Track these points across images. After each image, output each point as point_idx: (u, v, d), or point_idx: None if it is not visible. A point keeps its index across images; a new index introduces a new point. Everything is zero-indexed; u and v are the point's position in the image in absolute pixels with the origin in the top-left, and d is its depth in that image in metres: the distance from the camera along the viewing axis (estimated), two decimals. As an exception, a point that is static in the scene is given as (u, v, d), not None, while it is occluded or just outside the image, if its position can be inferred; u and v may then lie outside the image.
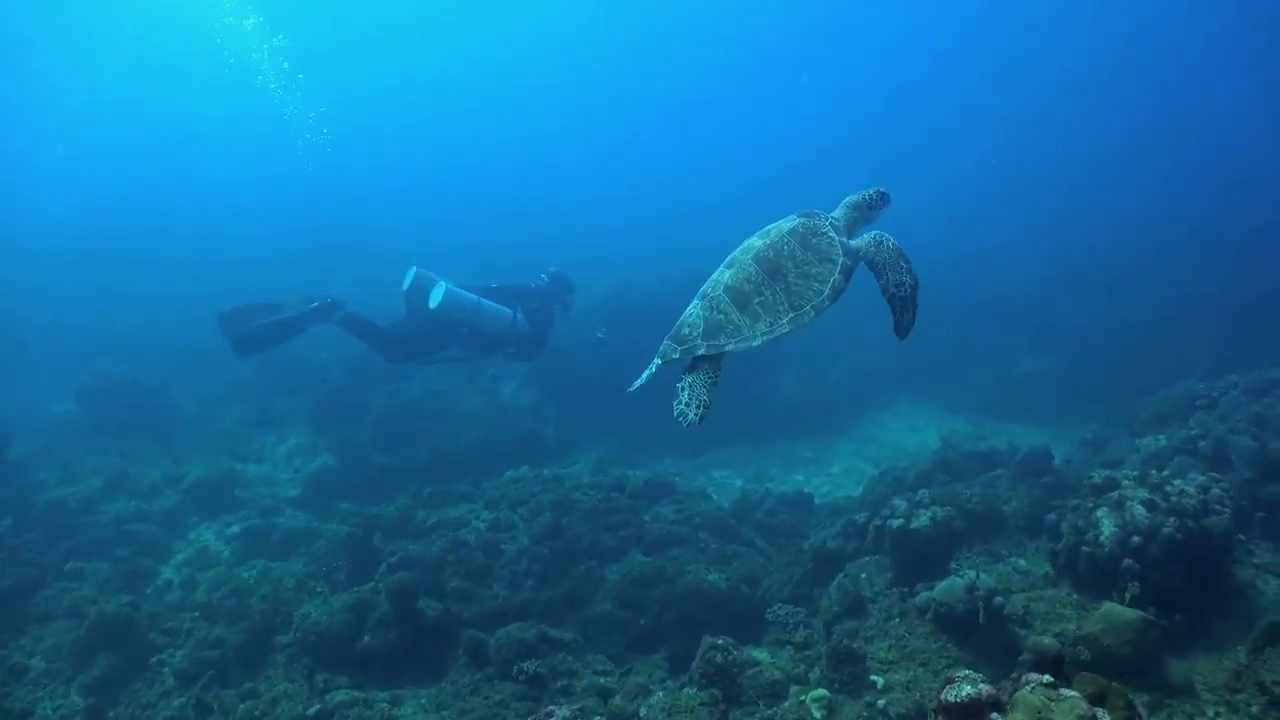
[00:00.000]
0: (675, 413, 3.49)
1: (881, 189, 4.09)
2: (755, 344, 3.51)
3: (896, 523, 6.58)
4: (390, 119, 43.64)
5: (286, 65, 25.61)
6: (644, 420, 13.35)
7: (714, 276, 3.76)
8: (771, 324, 3.52)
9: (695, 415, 3.48)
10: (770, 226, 3.89)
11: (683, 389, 3.54)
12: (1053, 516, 6.16)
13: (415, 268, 9.66)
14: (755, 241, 3.80)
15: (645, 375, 3.65)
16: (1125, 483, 5.97)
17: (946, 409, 14.69)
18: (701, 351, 3.50)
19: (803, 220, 3.84)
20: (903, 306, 3.87)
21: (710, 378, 3.56)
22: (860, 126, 38.54)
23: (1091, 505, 5.87)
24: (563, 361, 13.40)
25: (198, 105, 38.20)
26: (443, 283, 9.39)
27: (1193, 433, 7.39)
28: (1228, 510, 5.65)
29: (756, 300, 3.56)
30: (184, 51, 34.72)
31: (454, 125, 45.97)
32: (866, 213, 4.07)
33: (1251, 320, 14.48)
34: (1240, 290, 15.70)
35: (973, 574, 5.54)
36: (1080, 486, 6.90)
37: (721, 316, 3.54)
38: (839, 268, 3.68)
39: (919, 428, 14.07)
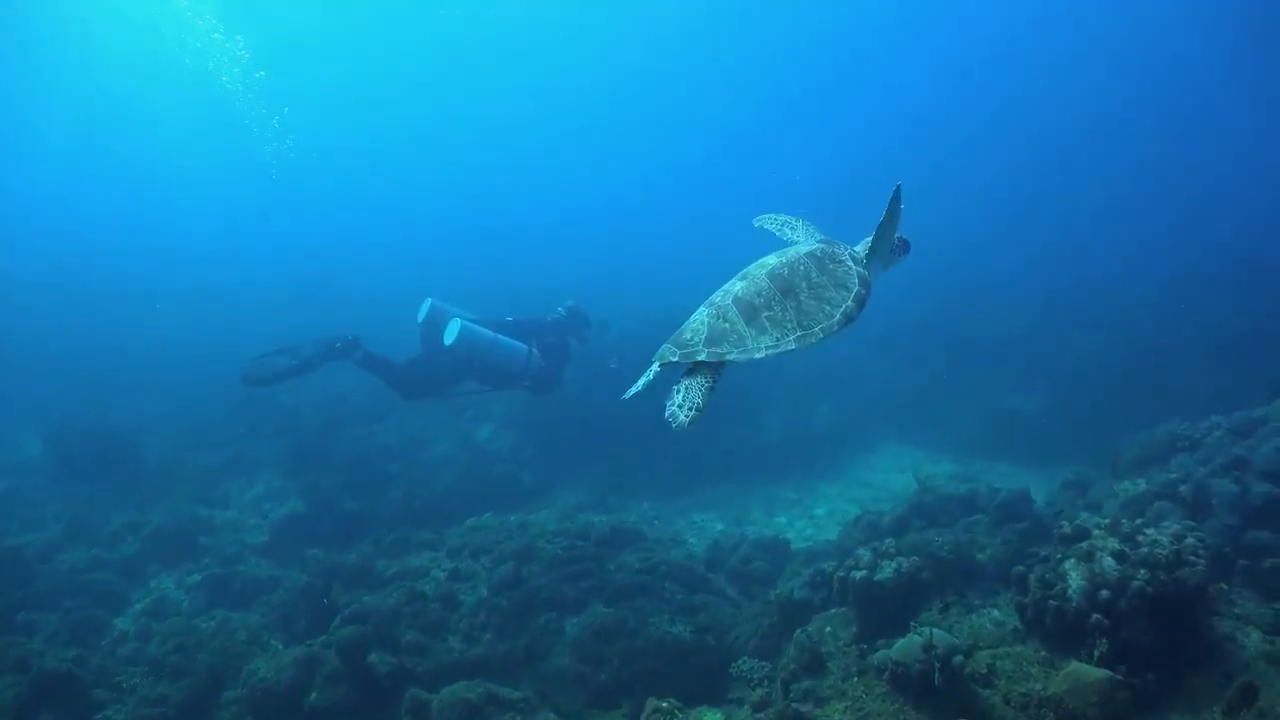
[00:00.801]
0: (666, 413, 3.36)
1: (903, 237, 4.11)
2: (758, 356, 3.42)
3: (860, 574, 6.29)
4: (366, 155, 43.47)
5: (261, 73, 25.31)
6: (624, 463, 13.13)
7: (724, 287, 3.71)
8: (778, 340, 3.45)
9: (686, 417, 3.34)
10: (788, 248, 3.91)
11: (678, 391, 3.42)
12: (1020, 568, 5.86)
13: (430, 299, 9.63)
14: (771, 259, 3.78)
15: (642, 381, 3.54)
16: (1096, 532, 5.68)
17: (934, 449, 14.38)
18: (701, 357, 3.40)
19: (822, 246, 3.85)
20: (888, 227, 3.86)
21: (708, 384, 3.44)
22: (856, 168, 38.54)
23: (1060, 556, 5.58)
24: (544, 403, 13.22)
25: (171, 129, 37.51)
26: (458, 319, 9.31)
27: (1173, 477, 7.12)
28: (1202, 561, 5.36)
29: (765, 314, 3.50)
30: (148, 61, 33.53)
31: (432, 160, 45.72)
32: (889, 258, 4.13)
33: (1243, 355, 14.28)
34: (1231, 325, 15.49)
35: (928, 631, 5.23)
36: (1053, 534, 6.64)
37: (727, 325, 3.46)
38: (853, 296, 3.64)
39: (905, 468, 13.72)
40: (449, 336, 9.22)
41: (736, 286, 3.64)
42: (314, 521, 11.41)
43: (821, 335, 3.50)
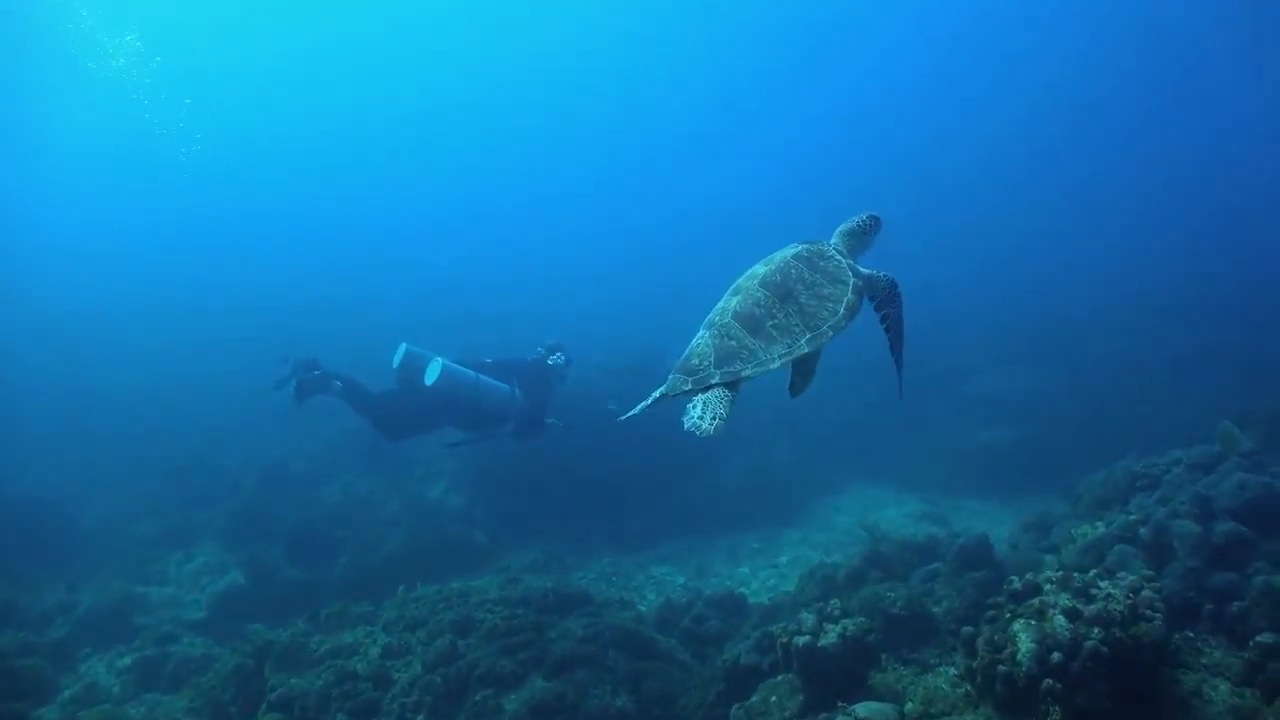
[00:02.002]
0: (688, 425, 3.24)
1: (873, 213, 4.09)
2: (774, 366, 3.38)
3: (803, 640, 5.88)
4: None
5: (159, 59, 24.40)
6: (582, 518, 12.70)
7: (719, 306, 3.63)
8: (790, 345, 3.40)
9: (710, 426, 3.23)
10: (773, 254, 3.82)
11: (694, 405, 3.29)
12: (968, 629, 5.48)
13: (405, 344, 9.46)
14: (759, 269, 3.71)
15: (641, 407, 3.49)
16: (1047, 587, 5.33)
17: (901, 488, 14.06)
18: (716, 380, 3.32)
19: (806, 246, 3.81)
20: (897, 338, 4.04)
21: (729, 395, 3.34)
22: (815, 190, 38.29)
23: (1009, 616, 5.21)
24: (496, 460, 12.84)
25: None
26: (438, 359, 9.18)
27: (1132, 519, 6.77)
28: (1159, 616, 5.00)
29: (770, 323, 3.44)
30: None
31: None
32: (862, 238, 4.06)
33: (1209, 381, 14.11)
34: (1198, 350, 15.34)
35: (852, 711, 4.85)
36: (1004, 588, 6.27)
37: (734, 343, 3.39)
38: (851, 288, 3.63)
39: (870, 510, 13.37)
40: (430, 376, 9.10)
41: (732, 303, 3.55)
42: (255, 594, 10.97)
43: (832, 333, 3.48)
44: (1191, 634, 5.88)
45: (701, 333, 3.53)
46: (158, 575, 11.70)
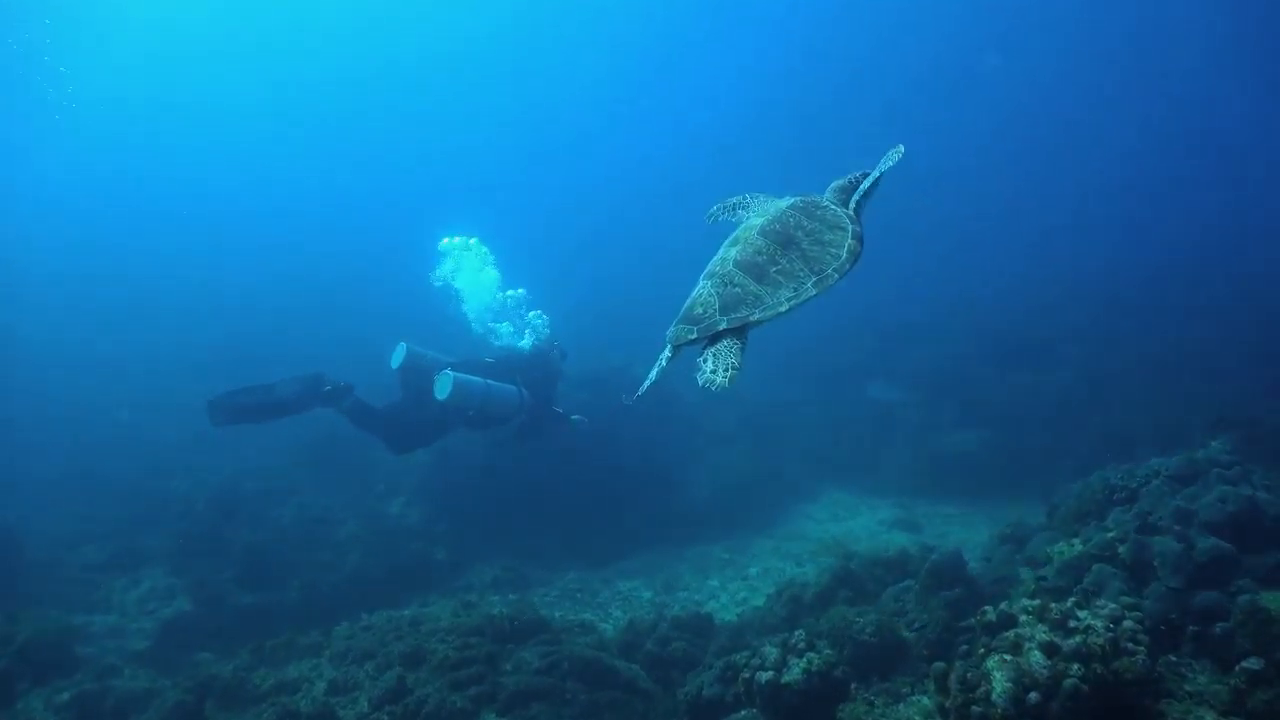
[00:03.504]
0: (701, 381, 3.19)
1: (866, 170, 3.95)
2: (783, 309, 3.30)
3: (766, 676, 5.55)
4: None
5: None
6: (544, 532, 12.34)
7: (718, 256, 3.58)
8: (796, 289, 3.33)
9: (724, 378, 3.18)
10: (767, 207, 3.81)
11: (705, 359, 3.26)
12: (940, 664, 5.14)
13: (404, 344, 9.21)
14: (756, 220, 3.67)
15: (655, 371, 3.47)
16: (1023, 619, 4.99)
17: (873, 492, 13.78)
18: (723, 325, 3.25)
19: (801, 198, 3.80)
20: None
21: (738, 344, 3.28)
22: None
23: (983, 651, 4.87)
24: (458, 473, 12.47)
25: None
26: (448, 371, 8.95)
27: (1110, 535, 6.46)
28: (1143, 649, 4.69)
29: (774, 269, 3.38)
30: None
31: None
32: (854, 194, 3.94)
33: (1183, 379, 13.93)
34: (1171, 349, 15.17)
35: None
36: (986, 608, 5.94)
37: (738, 290, 3.32)
38: (850, 233, 3.58)
39: (843, 516, 13.11)
40: (441, 391, 8.87)
41: (732, 252, 3.51)
42: (203, 621, 10.49)
43: (836, 276, 3.41)
44: (1175, 658, 5.58)
45: (702, 283, 3.47)
46: (101, 603, 11.20)
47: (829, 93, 36.78)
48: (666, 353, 3.42)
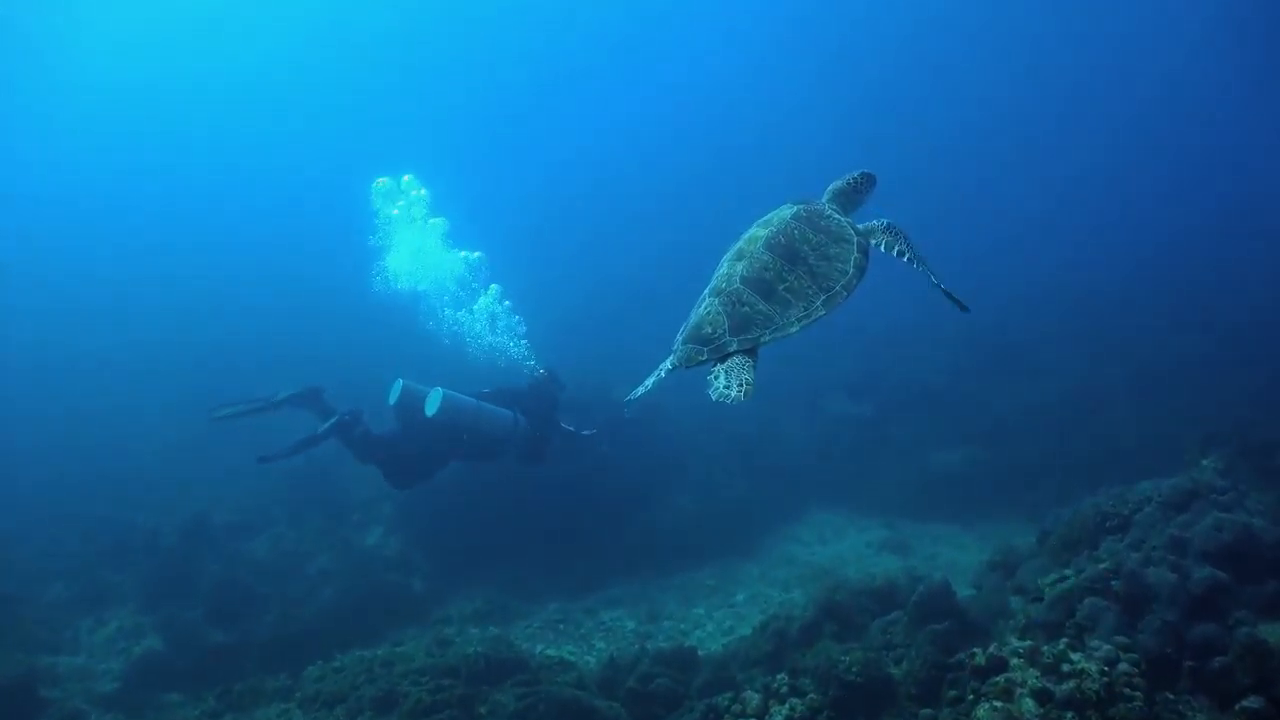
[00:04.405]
0: (715, 396, 3.17)
1: (866, 171, 3.99)
2: (793, 331, 3.30)
3: (747, 725, 5.29)
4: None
5: None
6: (527, 560, 12.05)
7: (722, 272, 3.52)
8: (806, 309, 3.32)
9: (739, 393, 3.14)
10: (768, 216, 3.73)
11: (717, 376, 3.22)
12: (928, 711, 4.90)
13: (401, 380, 9.18)
14: (759, 231, 3.60)
15: (652, 380, 3.46)
16: (1014, 662, 4.79)
17: (860, 513, 13.52)
18: (733, 349, 3.24)
19: (802, 206, 3.71)
20: (923, 263, 3.76)
21: (749, 360, 3.26)
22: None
23: (972, 697, 4.65)
24: (437, 500, 12.18)
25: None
26: (438, 389, 8.97)
27: (1102, 567, 6.23)
28: (1139, 694, 4.47)
29: (781, 287, 3.34)
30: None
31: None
32: (854, 197, 3.98)
33: (1172, 393, 13.77)
34: (1160, 362, 15.00)
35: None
36: (980, 638, 5.71)
37: (747, 309, 3.29)
38: (855, 246, 3.56)
39: (830, 539, 12.86)
40: (431, 407, 8.90)
41: (738, 268, 3.44)
42: (173, 660, 10.18)
43: (845, 293, 3.40)
44: (1172, 695, 5.36)
45: (709, 300, 3.42)
46: (69, 643, 10.84)
47: (805, 100, 36.50)
48: (668, 365, 3.39)
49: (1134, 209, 30.12)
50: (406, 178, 11.11)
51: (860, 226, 3.75)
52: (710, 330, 3.29)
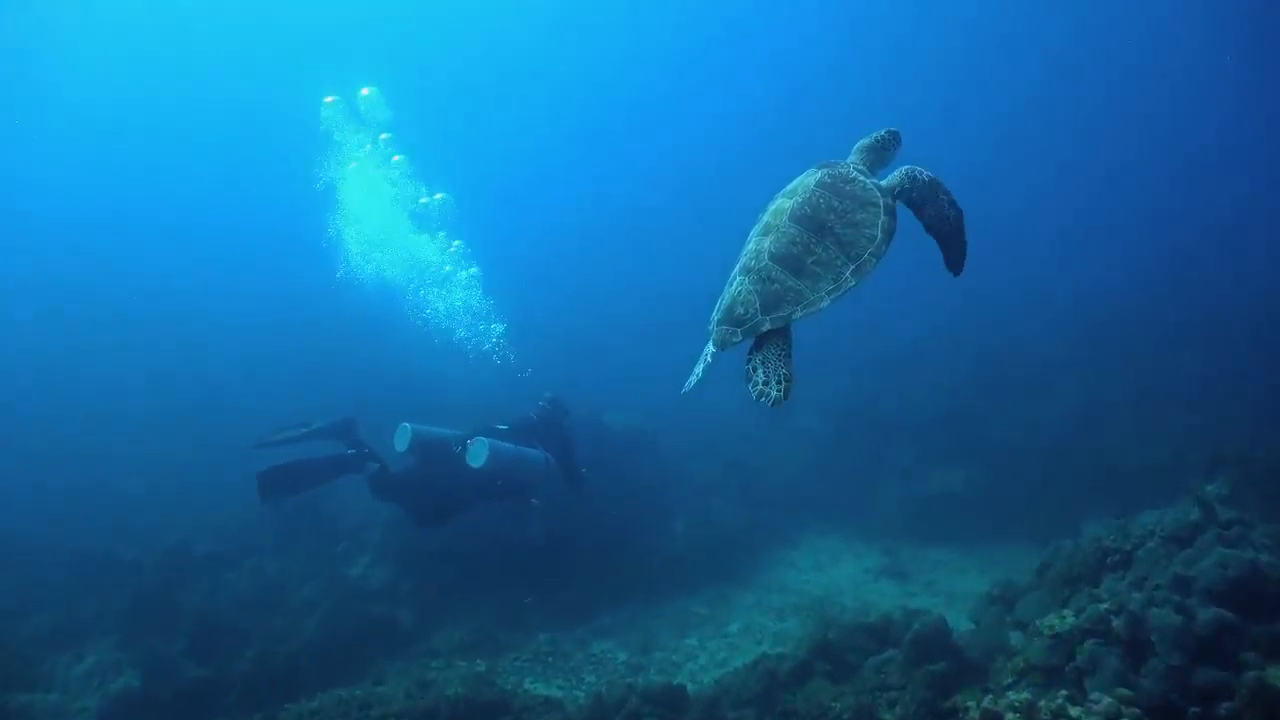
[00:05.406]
0: (755, 395, 3.16)
1: (892, 129, 3.93)
2: (824, 305, 3.26)
3: (731, 782, 5.03)
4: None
5: None
6: (517, 590, 11.77)
7: (750, 248, 3.46)
8: (836, 280, 3.27)
9: (778, 391, 3.14)
10: (793, 185, 3.64)
11: (755, 369, 3.22)
12: (920, 772, 4.65)
13: (409, 425, 9.17)
14: (785, 203, 3.53)
15: (701, 368, 3.41)
16: (1010, 717, 4.51)
17: (857, 537, 13.26)
18: (767, 327, 3.21)
19: (826, 171, 3.62)
20: (950, 240, 3.74)
21: (782, 350, 3.25)
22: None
23: (967, 759, 4.39)
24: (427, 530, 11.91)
25: None
26: (483, 440, 9.03)
27: (1103, 607, 5.97)
28: (1144, 757, 4.21)
29: (810, 260, 3.30)
30: None
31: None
32: (881, 154, 3.90)
33: (1181, 409, 13.53)
34: (1161, 379, 14.75)
35: None
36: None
37: (777, 286, 3.25)
38: (882, 209, 3.48)
39: (825, 565, 12.59)
40: (477, 459, 8.99)
41: (766, 243, 3.39)
42: (151, 697, 9.89)
43: (874, 261, 3.35)
44: (1177, 747, 5.10)
45: (739, 278, 3.36)
46: (44, 679, 10.54)
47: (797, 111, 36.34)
48: (710, 349, 3.35)
49: (1134, 223, 29.83)
50: (365, 91, 10.68)
51: (884, 184, 3.67)
52: (743, 310, 3.25)
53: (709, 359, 3.40)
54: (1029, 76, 34.36)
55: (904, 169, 3.75)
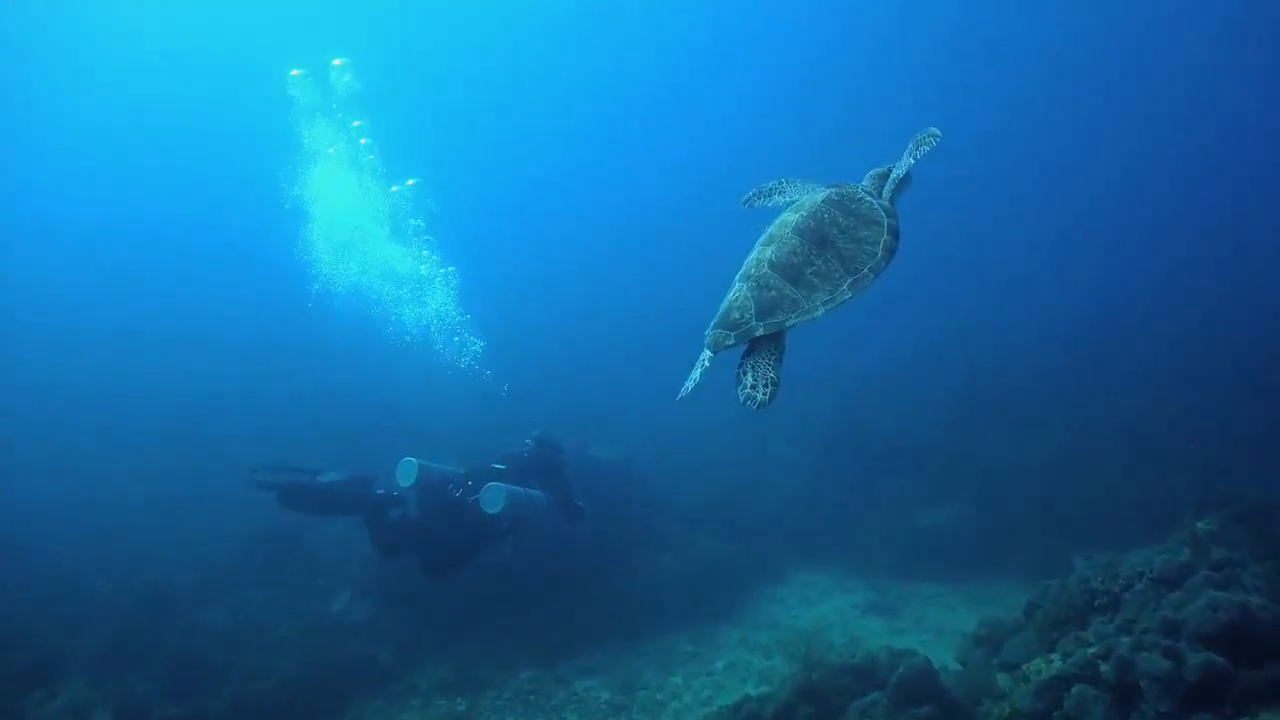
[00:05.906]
0: (742, 398, 3.21)
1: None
2: (819, 314, 3.30)
3: (707, 836, 4.88)
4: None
5: None
6: (498, 627, 11.62)
7: (752, 257, 3.54)
8: (832, 292, 3.32)
9: (765, 395, 3.20)
10: (802, 199, 3.76)
11: (745, 372, 3.28)
12: (902, 828, 4.50)
13: (413, 459, 9.11)
14: (790, 216, 3.62)
15: (698, 372, 3.40)
16: (995, 771, 4.38)
17: (845, 573, 13.11)
18: (760, 332, 3.25)
19: (835, 189, 3.73)
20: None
21: (773, 356, 3.29)
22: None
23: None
24: (408, 563, 11.76)
25: None
26: (498, 485, 9.09)
27: (1091, 651, 5.83)
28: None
29: (809, 270, 3.36)
30: None
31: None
32: (886, 184, 3.91)
33: (1171, 444, 13.43)
34: (1158, 411, 14.65)
35: None
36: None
37: (774, 293, 3.30)
38: (886, 228, 3.55)
39: (814, 600, 12.44)
40: (493, 505, 8.98)
41: (767, 253, 3.46)
42: (124, 736, 9.70)
43: (872, 276, 3.39)
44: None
45: (738, 285, 3.43)
46: (14, 718, 10.36)
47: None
48: (707, 353, 3.36)
49: (1124, 251, 29.88)
50: (337, 61, 10.49)
51: (884, 203, 3.74)
52: (739, 315, 3.29)
53: (705, 364, 3.42)
54: (1030, 91, 34.38)
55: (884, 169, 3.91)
